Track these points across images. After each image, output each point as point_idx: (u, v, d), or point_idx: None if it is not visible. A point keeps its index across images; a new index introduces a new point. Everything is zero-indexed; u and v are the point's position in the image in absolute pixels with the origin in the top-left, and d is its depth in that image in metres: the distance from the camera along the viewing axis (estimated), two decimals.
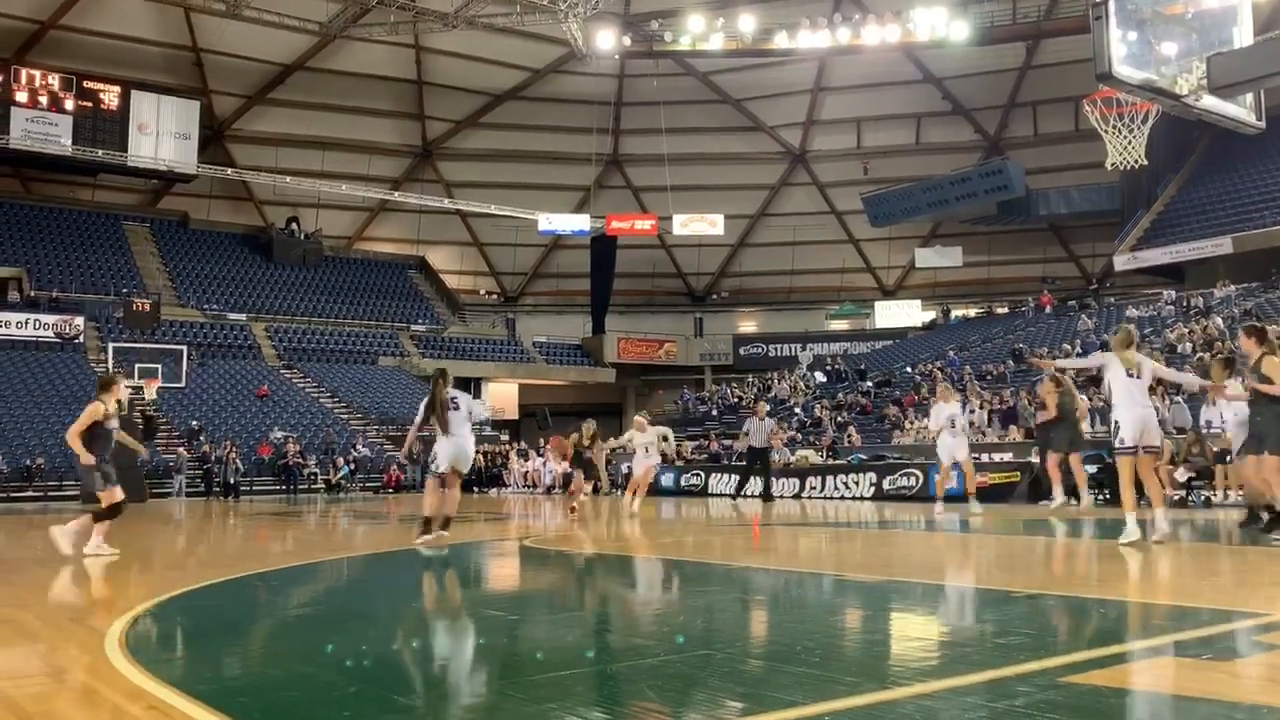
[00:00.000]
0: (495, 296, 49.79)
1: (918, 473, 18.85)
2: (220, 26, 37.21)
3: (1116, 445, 8.09)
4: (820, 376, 35.89)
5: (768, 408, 22.00)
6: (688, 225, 45.77)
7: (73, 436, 8.43)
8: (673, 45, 38.49)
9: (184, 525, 15.35)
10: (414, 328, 42.74)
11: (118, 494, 8.49)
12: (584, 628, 5.38)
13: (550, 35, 38.76)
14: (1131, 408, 8.00)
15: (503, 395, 41.99)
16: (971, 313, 43.78)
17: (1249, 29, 7.65)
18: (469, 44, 39.83)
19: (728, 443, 27.17)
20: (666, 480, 25.40)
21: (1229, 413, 9.99)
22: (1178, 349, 24.27)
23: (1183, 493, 15.17)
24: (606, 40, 37.96)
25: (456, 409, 9.48)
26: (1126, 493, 8.15)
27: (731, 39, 37.96)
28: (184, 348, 32.51)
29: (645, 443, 15.07)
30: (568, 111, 44.49)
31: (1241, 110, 7.86)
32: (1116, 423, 8.02)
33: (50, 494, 24.77)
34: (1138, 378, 8.09)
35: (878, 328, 45.93)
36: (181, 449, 27.43)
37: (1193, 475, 14.60)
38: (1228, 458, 14.25)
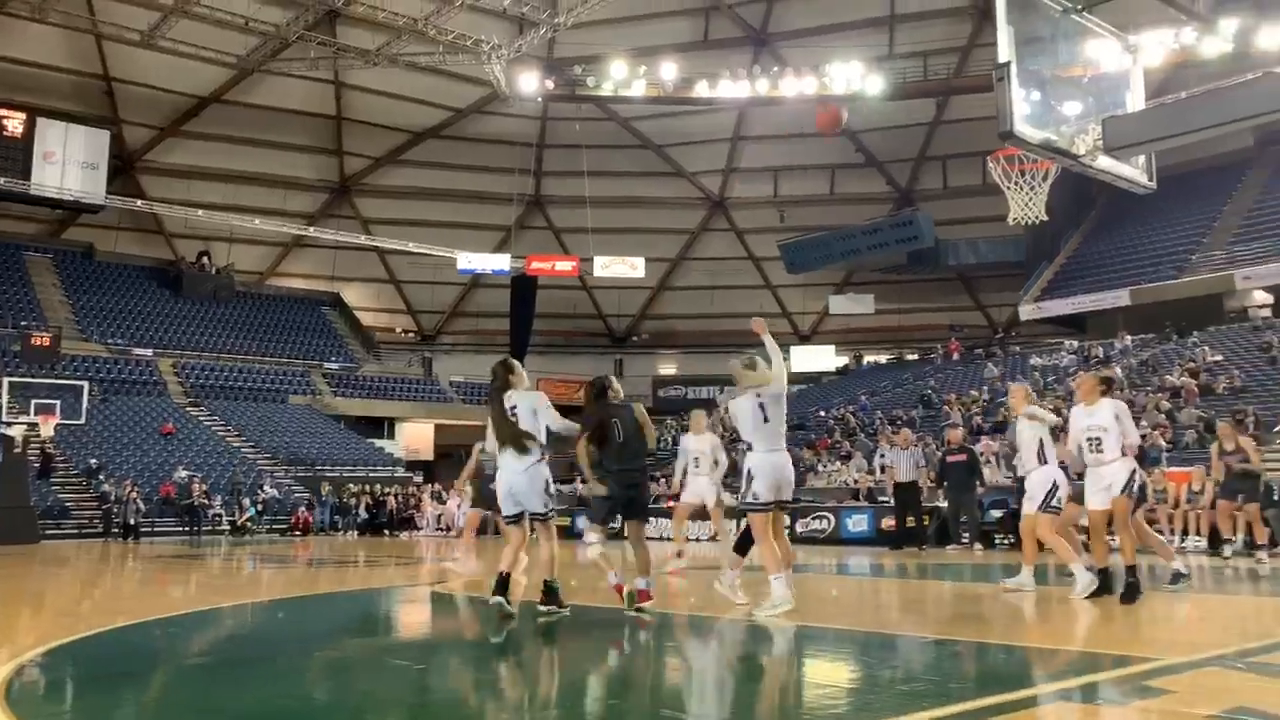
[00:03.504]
0: (412, 335, 49.22)
1: (829, 515, 19.10)
2: (133, 56, 36.45)
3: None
4: None
5: (913, 435, 18.36)
6: (609, 267, 45.96)
7: None
8: (595, 90, 38.83)
9: (78, 568, 14.74)
10: (327, 365, 41.97)
11: None
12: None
13: (473, 76, 38.80)
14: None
15: (418, 435, 41.42)
16: (883, 359, 44.66)
17: (1141, 94, 8.05)
18: (390, 82, 39.61)
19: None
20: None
21: None
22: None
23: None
24: (529, 83, 38.14)
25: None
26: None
27: (653, 86, 38.45)
28: (85, 383, 31.37)
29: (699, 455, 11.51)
30: (490, 151, 44.46)
31: (1135, 171, 8.22)
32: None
33: None
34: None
35: (793, 372, 46.37)
36: None
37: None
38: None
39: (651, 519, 22.11)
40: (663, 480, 27.37)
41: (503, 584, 6.95)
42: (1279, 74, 6.97)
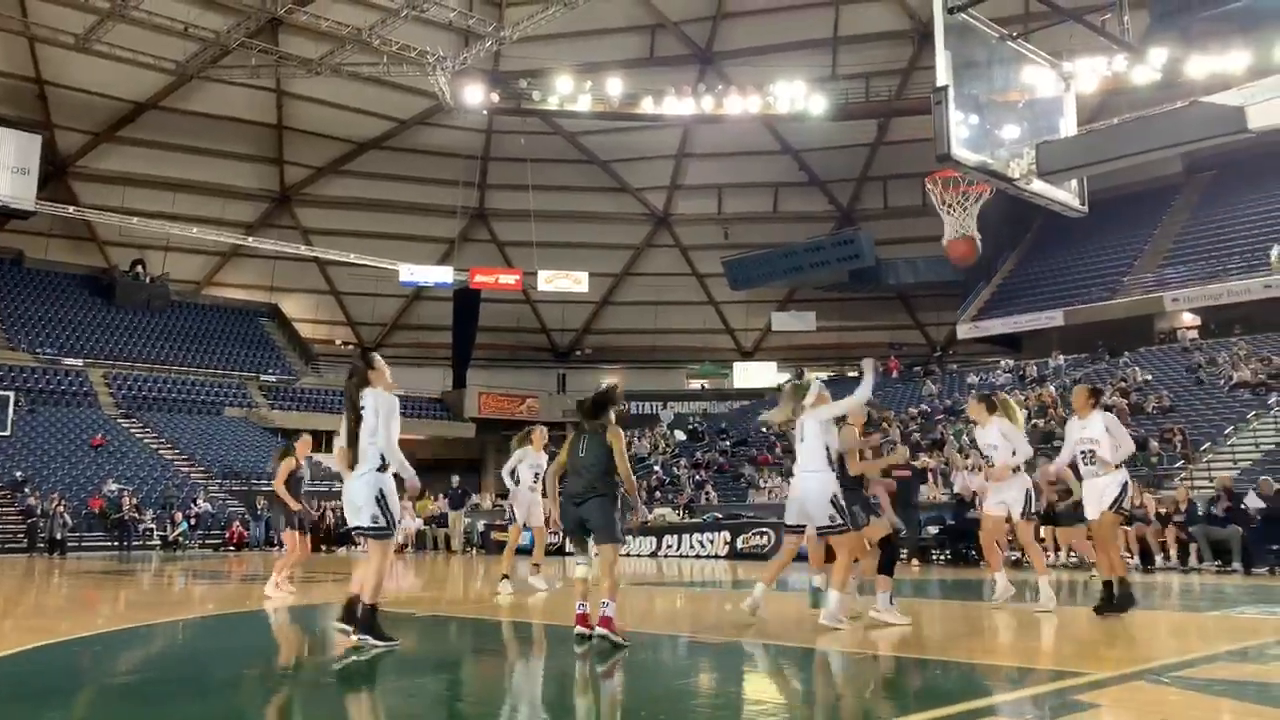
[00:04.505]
0: (352, 347, 48.57)
1: (770, 532, 19.17)
2: (67, 60, 35.62)
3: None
4: (680, 435, 36.28)
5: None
6: (552, 281, 45.91)
7: None
8: (541, 104, 38.83)
9: (0, 584, 14.27)
10: (264, 378, 41.25)
11: None
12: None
13: (417, 87, 38.57)
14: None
15: None
16: (824, 375, 44.99)
17: (1073, 120, 8.23)
18: (333, 91, 39.23)
19: None
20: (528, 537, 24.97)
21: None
22: None
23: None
24: (474, 95, 38.01)
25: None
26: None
27: (599, 101, 38.57)
28: (10, 394, 30.52)
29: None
30: (434, 163, 44.21)
31: (1068, 195, 8.38)
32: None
33: None
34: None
35: (737, 388, 46.84)
36: None
37: None
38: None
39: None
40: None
41: (350, 613, 6.33)
42: (1206, 102, 7.17)
